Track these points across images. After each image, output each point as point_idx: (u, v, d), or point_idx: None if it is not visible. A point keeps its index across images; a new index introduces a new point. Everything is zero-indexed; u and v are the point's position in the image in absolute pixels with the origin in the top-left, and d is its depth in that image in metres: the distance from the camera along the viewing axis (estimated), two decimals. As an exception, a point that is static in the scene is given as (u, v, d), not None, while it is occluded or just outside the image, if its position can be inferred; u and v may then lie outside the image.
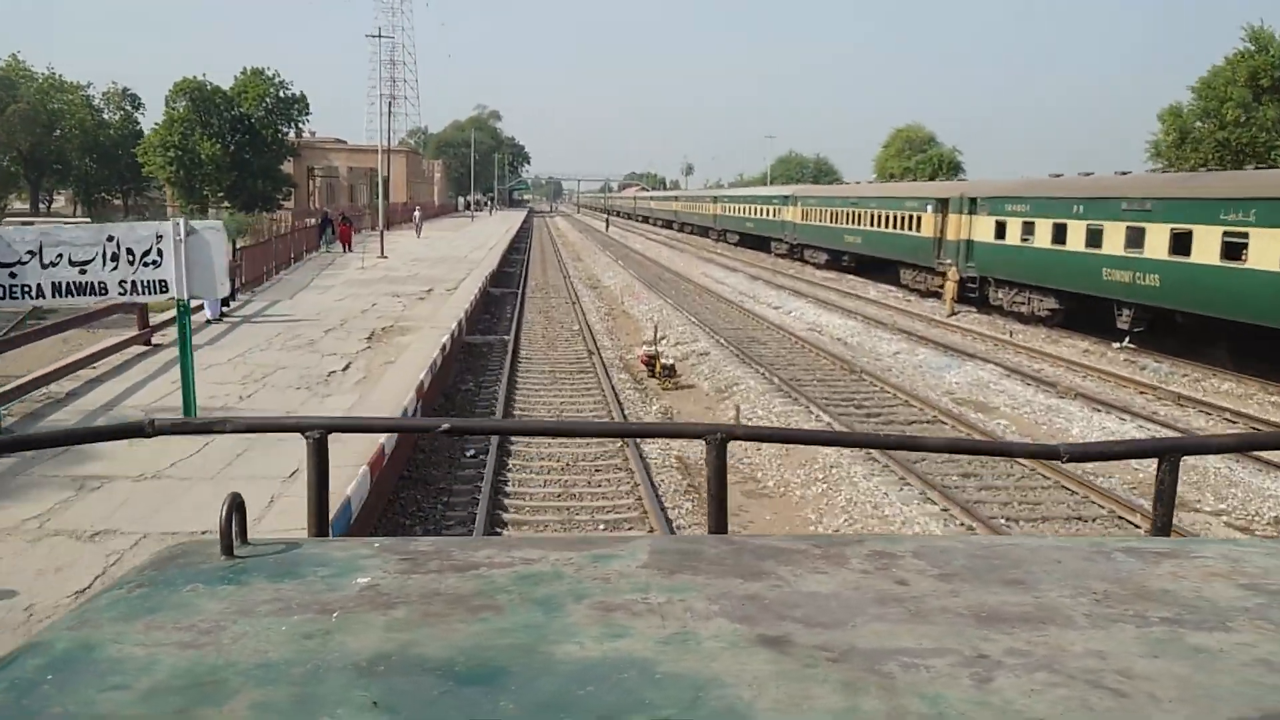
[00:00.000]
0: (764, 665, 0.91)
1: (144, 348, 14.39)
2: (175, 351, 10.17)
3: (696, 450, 10.52)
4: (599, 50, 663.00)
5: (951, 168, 64.05)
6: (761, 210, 52.37)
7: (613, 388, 15.81)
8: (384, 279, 26.35)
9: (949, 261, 28.17)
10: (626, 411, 14.29)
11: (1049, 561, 1.22)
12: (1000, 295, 26.11)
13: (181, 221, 9.16)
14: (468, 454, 11.27)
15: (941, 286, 29.76)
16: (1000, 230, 26.15)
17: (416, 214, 49.51)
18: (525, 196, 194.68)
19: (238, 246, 22.32)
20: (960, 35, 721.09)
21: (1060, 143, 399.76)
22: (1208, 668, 0.92)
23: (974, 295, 27.54)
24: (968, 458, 11.37)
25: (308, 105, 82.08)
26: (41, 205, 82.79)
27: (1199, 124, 39.96)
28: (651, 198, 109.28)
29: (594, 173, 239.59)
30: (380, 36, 33.16)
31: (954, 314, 26.98)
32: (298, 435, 1.51)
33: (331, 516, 4.66)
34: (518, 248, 53.52)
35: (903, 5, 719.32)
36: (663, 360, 16.90)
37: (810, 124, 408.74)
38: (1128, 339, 21.05)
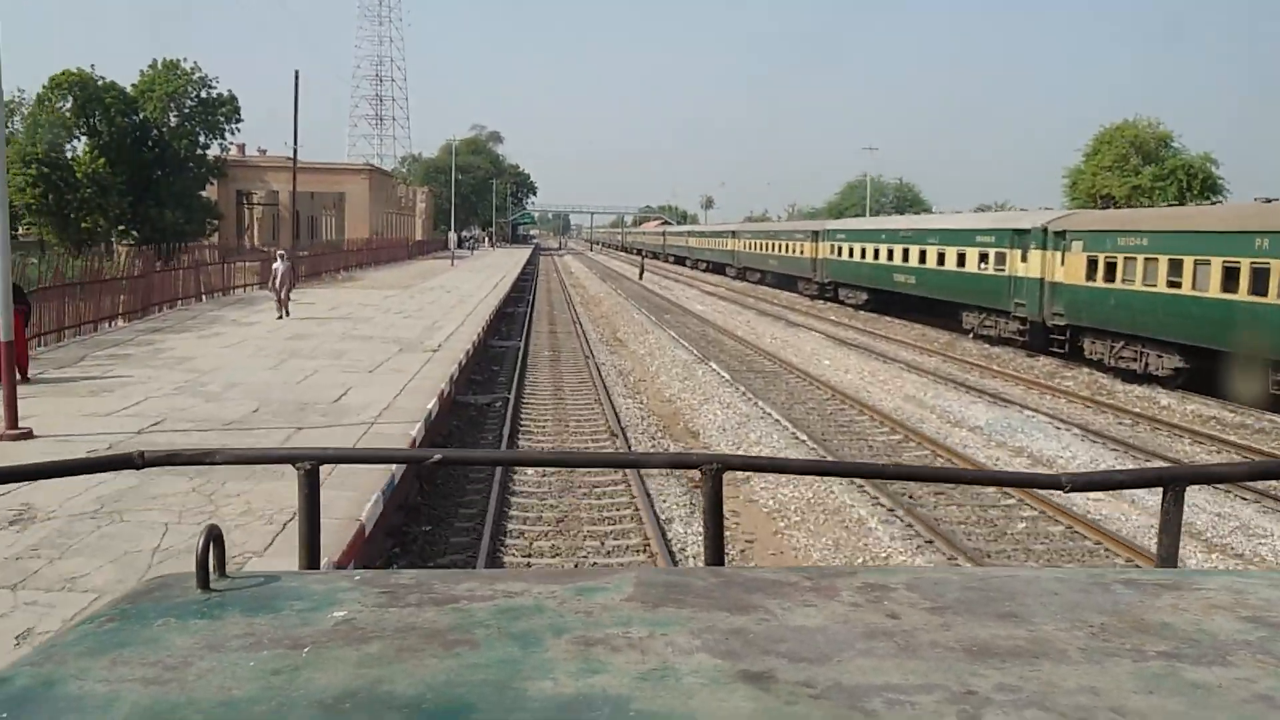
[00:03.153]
0: (743, 702, 0.87)
1: None
2: None
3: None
4: (609, 73, 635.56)
5: (1206, 185, 40.49)
6: (930, 254, 30.31)
7: None
8: None
9: None
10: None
11: (1045, 594, 1.17)
12: None
13: None
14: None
15: None
16: None
17: (277, 268, 22.45)
18: (531, 231, 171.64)
19: None
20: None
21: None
22: (1204, 704, 0.88)
23: None
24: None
25: (238, 108, 60.60)
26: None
27: None
28: (690, 233, 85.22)
29: (605, 205, 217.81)
30: None
31: None
32: None
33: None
34: (512, 313, 31.81)
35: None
36: None
37: (889, 147, 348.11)
38: None
